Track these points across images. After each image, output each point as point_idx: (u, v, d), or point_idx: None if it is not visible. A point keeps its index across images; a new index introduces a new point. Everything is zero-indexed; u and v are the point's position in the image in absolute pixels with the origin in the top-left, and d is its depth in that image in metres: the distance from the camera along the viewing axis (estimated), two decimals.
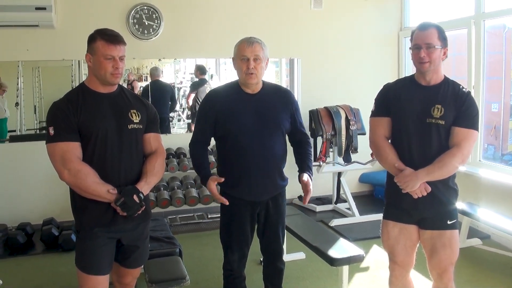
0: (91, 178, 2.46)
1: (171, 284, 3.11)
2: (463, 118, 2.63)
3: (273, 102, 3.00)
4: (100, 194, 2.47)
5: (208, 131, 3.02)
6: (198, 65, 6.53)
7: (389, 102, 2.83)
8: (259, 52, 2.87)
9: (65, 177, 2.45)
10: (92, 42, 2.52)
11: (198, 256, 4.77)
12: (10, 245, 4.93)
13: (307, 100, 6.31)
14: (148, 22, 5.84)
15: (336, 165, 6.03)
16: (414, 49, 2.69)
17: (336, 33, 6.60)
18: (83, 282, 2.58)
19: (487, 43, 5.49)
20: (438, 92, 2.69)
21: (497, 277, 4.16)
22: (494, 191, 5.08)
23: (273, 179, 3.02)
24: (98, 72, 2.53)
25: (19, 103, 5.79)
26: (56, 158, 2.46)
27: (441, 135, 2.65)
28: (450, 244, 2.72)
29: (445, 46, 2.69)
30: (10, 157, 5.65)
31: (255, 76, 2.88)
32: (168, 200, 5.54)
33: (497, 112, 6.20)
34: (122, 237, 2.66)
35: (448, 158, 2.61)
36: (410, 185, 2.65)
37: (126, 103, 2.67)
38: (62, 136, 2.46)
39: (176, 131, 6.54)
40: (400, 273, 2.95)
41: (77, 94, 2.57)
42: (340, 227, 5.53)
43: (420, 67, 2.69)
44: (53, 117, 2.50)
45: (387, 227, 2.91)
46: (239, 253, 3.14)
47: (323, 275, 4.24)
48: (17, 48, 5.52)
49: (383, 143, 2.84)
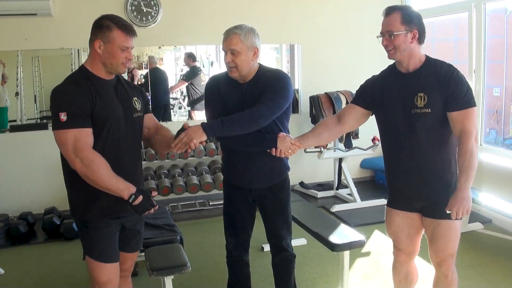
0: (103, 170, 2.36)
1: (172, 271, 3.10)
2: (455, 100, 2.48)
3: (261, 90, 2.80)
4: (111, 188, 2.38)
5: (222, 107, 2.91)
6: (188, 52, 6.51)
7: (372, 98, 2.76)
8: (235, 45, 2.71)
9: (77, 166, 2.35)
10: (107, 30, 2.42)
11: (199, 244, 4.78)
12: (12, 234, 4.94)
13: (307, 86, 6.30)
14: (147, 9, 5.80)
15: (337, 151, 6.02)
16: (380, 36, 2.59)
17: (336, 19, 6.56)
18: (100, 271, 2.55)
19: (488, 26, 5.45)
20: (419, 78, 2.56)
21: (499, 261, 4.16)
22: (495, 176, 5.07)
23: (268, 166, 2.92)
24: (109, 60, 2.46)
25: (19, 92, 5.78)
26: (67, 146, 2.34)
27: (430, 123, 2.55)
28: (447, 235, 2.64)
29: (411, 29, 2.50)
30: (11, 147, 5.66)
31: (236, 70, 2.76)
32: (169, 187, 5.55)
33: (499, 96, 6.16)
34: (125, 222, 2.65)
35: (466, 153, 2.48)
36: (467, 209, 2.48)
37: (128, 91, 2.64)
38: (76, 122, 2.34)
39: (177, 119, 6.51)
40: (404, 259, 2.93)
41: (83, 78, 2.47)
42: (341, 213, 5.53)
43: (388, 55, 2.60)
44: (64, 101, 2.37)
45: (391, 215, 2.86)
46: (235, 237, 3.15)
47: (324, 261, 4.25)
48: (16, 37, 5.49)
49: (324, 120, 2.95)
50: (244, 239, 3.18)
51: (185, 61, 6.52)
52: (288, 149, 2.78)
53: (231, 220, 3.15)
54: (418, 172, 2.64)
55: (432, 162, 2.62)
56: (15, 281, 4.07)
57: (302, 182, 6.65)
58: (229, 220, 3.16)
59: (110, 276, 2.58)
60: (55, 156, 5.80)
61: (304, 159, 6.39)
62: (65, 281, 4.06)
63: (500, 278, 3.87)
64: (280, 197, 3.07)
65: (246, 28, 2.76)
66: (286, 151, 2.78)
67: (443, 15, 6.30)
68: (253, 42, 2.76)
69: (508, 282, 3.81)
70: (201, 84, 6.54)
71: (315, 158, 6.02)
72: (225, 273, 3.31)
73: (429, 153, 2.61)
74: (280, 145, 2.76)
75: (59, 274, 4.17)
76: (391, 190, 2.88)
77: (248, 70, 2.80)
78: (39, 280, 4.10)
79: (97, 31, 2.45)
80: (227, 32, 2.77)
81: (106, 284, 2.58)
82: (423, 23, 2.57)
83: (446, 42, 7.05)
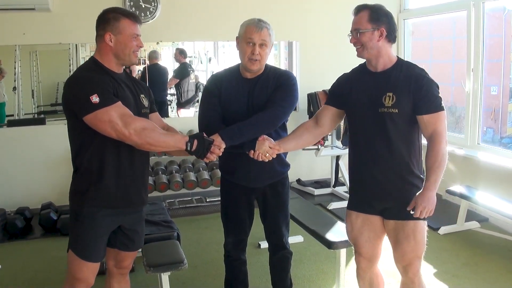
0: (156, 132, 2.41)
1: (169, 268, 3.11)
2: (427, 104, 2.48)
3: (269, 88, 2.86)
4: (170, 144, 2.46)
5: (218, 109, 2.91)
6: (179, 48, 6.48)
7: (341, 96, 2.76)
8: (266, 37, 2.77)
9: (133, 138, 2.34)
10: (115, 21, 2.43)
11: (196, 240, 4.78)
12: (8, 229, 4.93)
13: (305, 84, 6.28)
14: (145, 5, 5.78)
15: (334, 149, 6.04)
16: (350, 35, 2.62)
17: (335, 16, 6.55)
18: (78, 268, 2.54)
19: (486, 25, 5.46)
20: (389, 78, 2.55)
21: (495, 260, 4.18)
22: (492, 174, 5.09)
23: (269, 164, 2.86)
24: (123, 51, 2.47)
25: (17, 87, 5.77)
26: (116, 122, 2.30)
27: (396, 123, 2.53)
28: (414, 236, 2.57)
29: (379, 27, 2.51)
30: (8, 141, 5.64)
31: (258, 63, 2.79)
32: (166, 184, 5.56)
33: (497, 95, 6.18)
34: (124, 222, 2.63)
35: (437, 154, 2.47)
36: (431, 209, 2.46)
37: (136, 87, 2.64)
38: (110, 98, 2.33)
39: (174, 115, 6.52)
40: (366, 266, 2.84)
41: (98, 68, 2.47)
42: (338, 210, 5.53)
43: (357, 53, 2.61)
44: (91, 85, 2.33)
45: (350, 217, 2.80)
46: (234, 237, 3.14)
47: (321, 258, 4.26)
48: (14, 32, 5.47)
49: (303, 123, 2.91)
50: (243, 238, 3.17)
51: (176, 57, 6.50)
52: (265, 153, 2.73)
53: (230, 220, 3.13)
54: (383, 172, 2.61)
55: (398, 162, 2.59)
56: (12, 276, 4.07)
57: (299, 179, 6.65)
58: (228, 221, 3.14)
59: (88, 275, 2.57)
60: (53, 151, 5.82)
61: (301, 156, 6.39)
62: (61, 276, 4.00)
63: (496, 277, 3.88)
64: (282, 194, 3.08)
65: (269, 23, 2.83)
66: (263, 155, 2.73)
67: (442, 13, 6.30)
68: (273, 38, 2.85)
69: (504, 281, 3.82)
70: (189, 82, 6.56)
71: (312, 155, 6.02)
72: (222, 270, 3.31)
73: (395, 153, 2.57)
74: (258, 148, 2.72)
75: (55, 269, 4.17)
76: (354, 190, 2.85)
77: (264, 64, 2.86)
78: (35, 275, 4.10)
79: (105, 25, 2.45)
80: (258, 25, 2.77)
81: (81, 281, 2.56)
82: (392, 22, 2.58)
83: (444, 40, 7.09)
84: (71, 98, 2.39)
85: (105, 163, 2.46)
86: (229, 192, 3.10)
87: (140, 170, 2.62)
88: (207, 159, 2.62)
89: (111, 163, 2.48)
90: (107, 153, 2.46)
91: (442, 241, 4.61)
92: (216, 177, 5.63)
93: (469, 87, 5.54)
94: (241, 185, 3.02)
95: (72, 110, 2.39)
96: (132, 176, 2.56)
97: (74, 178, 2.55)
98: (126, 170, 2.53)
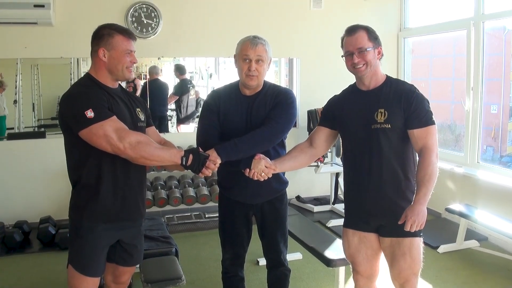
0: (151, 146, 2.41)
1: (166, 284, 3.10)
2: (417, 118, 2.51)
3: (268, 105, 2.87)
4: (164, 158, 2.47)
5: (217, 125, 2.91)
6: (177, 64, 6.52)
7: (333, 116, 2.79)
8: (262, 53, 2.79)
9: (128, 152, 2.35)
10: (108, 37, 2.46)
11: (194, 256, 4.76)
12: (6, 243, 4.91)
13: (305, 100, 6.30)
14: (147, 21, 5.83)
15: (334, 166, 6.04)
16: (347, 55, 2.64)
17: (335, 33, 6.54)
18: (77, 283, 2.54)
19: (486, 44, 5.49)
20: (380, 95, 2.60)
21: (495, 279, 4.15)
22: (492, 193, 5.08)
23: (266, 182, 2.81)
24: (116, 67, 2.49)
25: (18, 100, 5.78)
26: (111, 136, 2.32)
27: (390, 138, 2.55)
28: (410, 253, 2.57)
29: (377, 46, 2.62)
30: (8, 155, 5.64)
31: (255, 79, 2.81)
32: (165, 199, 5.55)
33: (496, 113, 6.19)
34: (122, 236, 2.64)
35: (427, 167, 2.47)
36: (421, 223, 2.43)
37: (131, 101, 2.66)
38: (105, 113, 2.35)
39: (174, 130, 6.53)
40: (364, 284, 2.84)
41: (94, 84, 2.49)
42: (337, 228, 5.49)
43: (357, 72, 2.63)
44: (86, 100, 2.35)
45: (347, 236, 2.81)
46: (232, 253, 3.13)
47: (319, 276, 4.23)
48: (16, 45, 5.51)
49: (298, 144, 2.91)
50: (241, 255, 3.15)
51: (174, 73, 6.54)
52: (261, 172, 2.69)
53: (228, 237, 3.12)
54: (378, 188, 2.61)
55: (392, 178, 2.60)
56: None
57: (299, 196, 6.64)
58: (226, 237, 3.13)
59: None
60: (52, 165, 5.82)
61: (301, 173, 6.38)
62: None
63: None
64: (279, 210, 3.06)
65: (265, 39, 2.85)
66: (259, 174, 2.70)
67: (442, 32, 6.33)
68: (271, 54, 2.87)
69: None
70: (190, 98, 6.58)
71: (312, 172, 6.02)
72: (219, 286, 3.29)
73: (389, 169, 2.59)
74: (254, 167, 2.69)
75: (53, 284, 4.14)
76: (349, 208, 2.85)
77: (262, 80, 2.88)
78: None
79: (98, 41, 2.49)
80: (252, 41, 2.79)
81: None
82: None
83: (445, 58, 7.12)
84: (66, 113, 2.42)
85: (102, 178, 2.47)
86: (226, 207, 3.09)
87: (137, 184, 2.63)
88: (202, 174, 2.61)
89: (108, 177, 2.49)
90: (103, 168, 2.47)
91: (441, 259, 4.59)
92: (215, 193, 5.62)
93: (469, 106, 5.55)
94: (238, 201, 3.01)
95: (68, 125, 2.42)
96: (130, 189, 2.57)
97: (73, 193, 2.56)
98: (123, 184, 2.54)
